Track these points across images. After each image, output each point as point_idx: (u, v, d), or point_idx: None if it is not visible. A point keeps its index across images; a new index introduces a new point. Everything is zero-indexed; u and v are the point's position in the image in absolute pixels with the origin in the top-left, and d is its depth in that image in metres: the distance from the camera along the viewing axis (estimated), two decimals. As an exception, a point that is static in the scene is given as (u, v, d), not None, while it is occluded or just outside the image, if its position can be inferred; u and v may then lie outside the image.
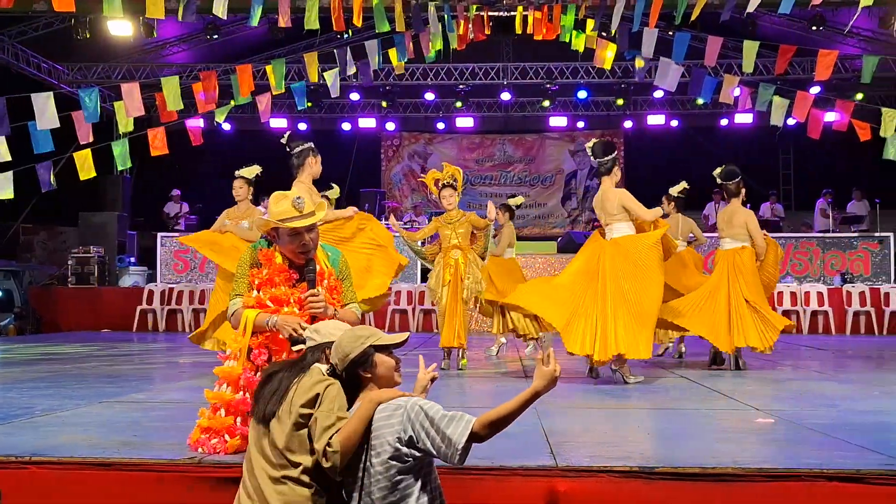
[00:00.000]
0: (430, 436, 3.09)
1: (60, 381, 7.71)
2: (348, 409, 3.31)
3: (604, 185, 7.89)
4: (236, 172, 9.14)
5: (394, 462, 3.12)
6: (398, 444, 3.11)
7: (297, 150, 7.54)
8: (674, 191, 10.44)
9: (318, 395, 3.32)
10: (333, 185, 9.37)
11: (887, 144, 11.68)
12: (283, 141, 7.71)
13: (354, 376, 3.37)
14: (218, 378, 4.41)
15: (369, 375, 3.36)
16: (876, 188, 18.86)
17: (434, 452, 3.11)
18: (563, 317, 7.54)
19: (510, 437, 3.65)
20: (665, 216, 10.39)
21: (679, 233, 10.02)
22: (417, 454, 3.13)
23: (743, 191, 9.07)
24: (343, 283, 4.48)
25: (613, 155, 7.92)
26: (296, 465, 3.28)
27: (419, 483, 3.18)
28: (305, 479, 3.27)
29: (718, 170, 9.09)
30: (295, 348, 3.96)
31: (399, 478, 3.13)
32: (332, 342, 3.49)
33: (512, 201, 11.24)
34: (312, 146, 7.61)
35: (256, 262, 4.38)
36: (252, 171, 9.12)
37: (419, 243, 9.61)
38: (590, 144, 8.02)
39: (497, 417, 3.14)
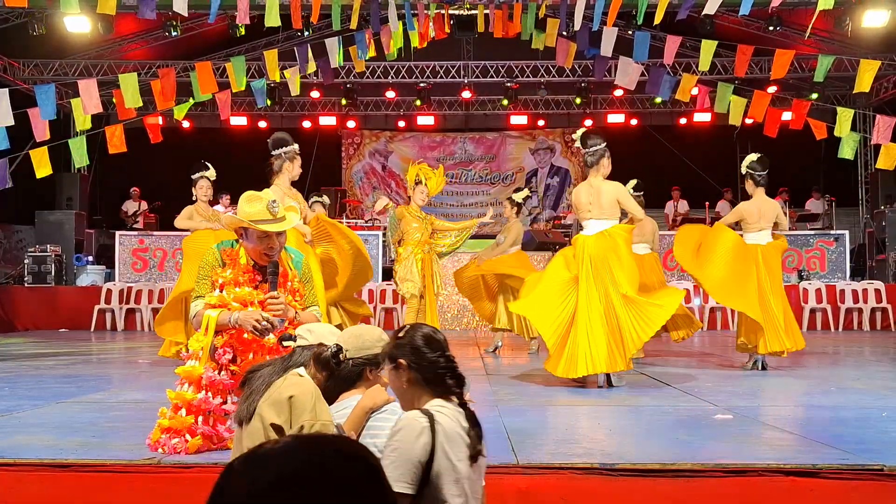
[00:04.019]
0: None
1: (17, 381, 7.62)
2: (330, 405, 3.31)
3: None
4: (198, 174, 9.12)
5: None
6: None
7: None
8: (517, 197, 10.71)
9: (288, 407, 3.26)
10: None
11: (843, 143, 11.85)
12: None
13: (359, 374, 3.37)
14: (179, 378, 4.39)
15: (371, 378, 3.36)
16: (832, 186, 19.13)
17: None
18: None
19: (471, 435, 3.66)
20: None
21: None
22: None
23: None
24: (306, 285, 4.49)
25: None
26: None
27: None
28: None
29: (753, 157, 9.05)
30: (286, 344, 3.94)
31: None
32: (321, 343, 3.48)
33: (517, 196, 11.09)
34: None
35: (221, 262, 4.37)
36: (212, 173, 9.20)
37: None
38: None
39: None
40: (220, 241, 4.60)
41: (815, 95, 18.01)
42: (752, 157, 8.97)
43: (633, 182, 9.83)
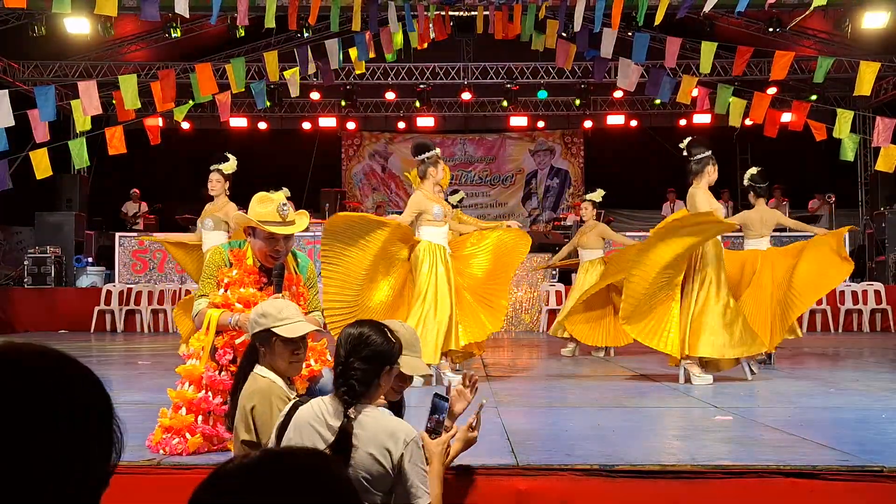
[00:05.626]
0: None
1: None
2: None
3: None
4: (212, 166, 8.94)
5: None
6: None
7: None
8: (453, 199, 10.80)
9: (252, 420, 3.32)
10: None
11: (843, 145, 11.84)
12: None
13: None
14: (180, 377, 4.39)
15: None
16: (832, 188, 19.13)
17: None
18: None
19: (471, 436, 3.66)
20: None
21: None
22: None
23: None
24: (310, 290, 4.50)
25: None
26: None
27: None
28: None
29: (753, 171, 9.54)
30: (238, 340, 3.97)
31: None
32: (276, 326, 3.48)
33: (453, 198, 11.06)
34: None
35: (227, 262, 4.39)
36: (230, 166, 8.94)
37: None
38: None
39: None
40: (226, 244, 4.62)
41: (814, 97, 18.03)
42: (753, 170, 9.53)
43: (600, 192, 10.05)
